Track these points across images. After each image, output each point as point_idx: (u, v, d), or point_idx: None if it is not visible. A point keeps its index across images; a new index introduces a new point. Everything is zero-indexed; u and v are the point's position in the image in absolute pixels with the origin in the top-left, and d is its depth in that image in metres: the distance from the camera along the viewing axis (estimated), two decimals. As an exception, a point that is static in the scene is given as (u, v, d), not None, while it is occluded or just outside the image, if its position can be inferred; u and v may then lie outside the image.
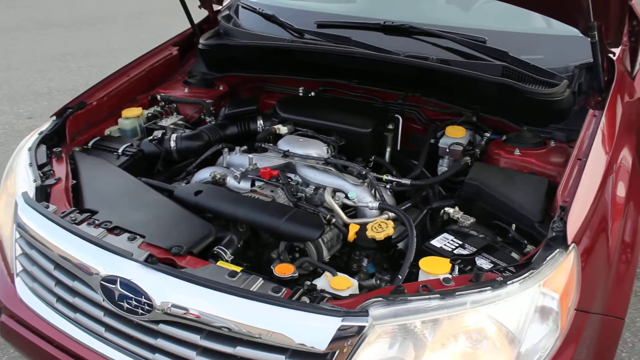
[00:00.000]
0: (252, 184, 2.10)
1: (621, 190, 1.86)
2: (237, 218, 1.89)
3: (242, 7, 3.03)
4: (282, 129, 2.34)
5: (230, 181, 2.15)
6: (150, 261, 1.54)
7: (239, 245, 1.84)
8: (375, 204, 1.92)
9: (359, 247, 1.90)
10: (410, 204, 2.06)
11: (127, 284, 1.51)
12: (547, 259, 1.47)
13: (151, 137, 2.31)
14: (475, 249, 1.71)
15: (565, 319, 1.46)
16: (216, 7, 3.03)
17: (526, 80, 2.17)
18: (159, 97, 2.62)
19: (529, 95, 2.09)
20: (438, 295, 1.39)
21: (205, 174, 2.22)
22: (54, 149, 2.14)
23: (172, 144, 2.30)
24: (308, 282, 1.59)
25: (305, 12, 2.94)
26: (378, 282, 1.85)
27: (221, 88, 2.72)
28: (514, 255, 1.69)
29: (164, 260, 1.62)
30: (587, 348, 1.56)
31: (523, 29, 2.69)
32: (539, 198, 1.84)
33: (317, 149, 2.18)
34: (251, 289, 1.49)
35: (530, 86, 2.12)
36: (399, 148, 2.44)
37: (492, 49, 2.32)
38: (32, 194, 1.89)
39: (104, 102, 2.45)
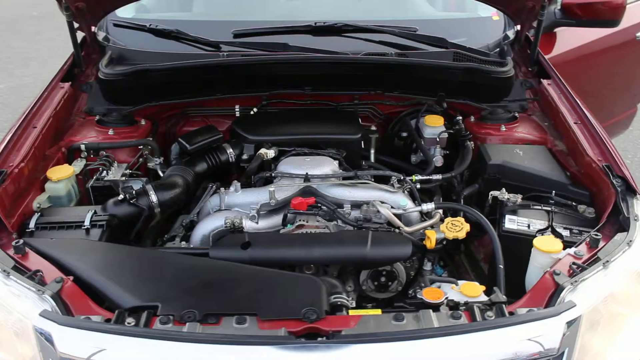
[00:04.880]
0: (284, 220, 1.83)
1: None
2: (313, 260, 1.64)
3: (120, 25, 2.53)
4: (270, 153, 2.07)
5: (248, 223, 1.83)
6: (330, 337, 1.24)
7: (349, 288, 1.60)
8: (431, 206, 1.86)
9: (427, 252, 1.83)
10: (440, 197, 2.05)
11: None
12: (637, 209, 1.65)
13: (121, 196, 1.80)
14: (543, 221, 1.81)
15: None
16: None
17: (475, 62, 2.34)
18: (82, 146, 2.04)
19: (493, 75, 2.26)
20: (601, 267, 1.46)
21: (213, 223, 1.84)
22: (14, 244, 1.52)
23: (154, 198, 1.84)
24: (444, 299, 1.49)
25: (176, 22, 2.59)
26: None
27: (143, 122, 2.25)
28: (574, 217, 1.84)
29: (304, 331, 1.32)
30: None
31: (412, 16, 2.86)
32: (554, 164, 2.03)
33: (330, 165, 2.00)
34: (435, 325, 1.33)
35: (488, 67, 2.29)
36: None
37: (429, 37, 2.42)
38: (51, 310, 1.32)
39: (23, 167, 1.82)
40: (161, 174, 2.09)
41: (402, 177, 1.95)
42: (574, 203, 1.89)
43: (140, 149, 2.12)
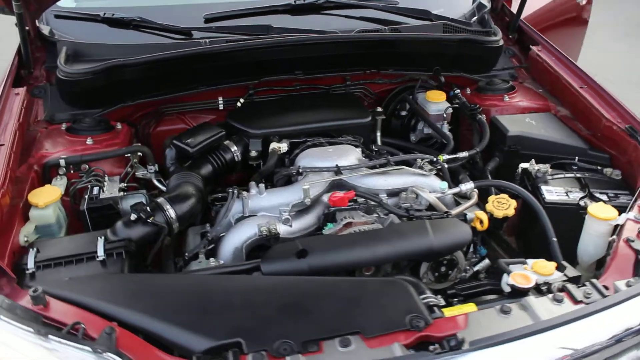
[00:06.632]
0: (326, 219, 1.65)
1: None
2: (379, 260, 1.49)
3: (64, 16, 2.16)
4: (283, 147, 1.86)
5: (282, 228, 1.64)
6: (458, 344, 1.11)
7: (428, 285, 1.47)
8: (470, 185, 1.78)
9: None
10: (467, 176, 1.97)
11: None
12: None
13: (134, 216, 1.52)
14: (577, 189, 1.79)
15: None
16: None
17: (466, 33, 2.27)
18: (62, 162, 1.71)
19: (486, 45, 2.21)
20: None
21: (244, 233, 1.61)
22: (32, 293, 1.21)
23: (171, 213, 1.57)
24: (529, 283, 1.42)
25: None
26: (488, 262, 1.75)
27: (119, 126, 1.94)
28: (604, 181, 1.83)
29: (416, 341, 1.18)
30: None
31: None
32: (568, 129, 2.02)
33: (355, 154, 1.84)
34: (544, 312, 1.24)
35: (481, 37, 2.23)
36: None
37: (413, 9, 2.31)
38: None
39: (4, 194, 1.48)
40: (157, 184, 1.82)
41: (434, 159, 1.83)
42: (598, 167, 1.89)
43: (128, 158, 1.82)
